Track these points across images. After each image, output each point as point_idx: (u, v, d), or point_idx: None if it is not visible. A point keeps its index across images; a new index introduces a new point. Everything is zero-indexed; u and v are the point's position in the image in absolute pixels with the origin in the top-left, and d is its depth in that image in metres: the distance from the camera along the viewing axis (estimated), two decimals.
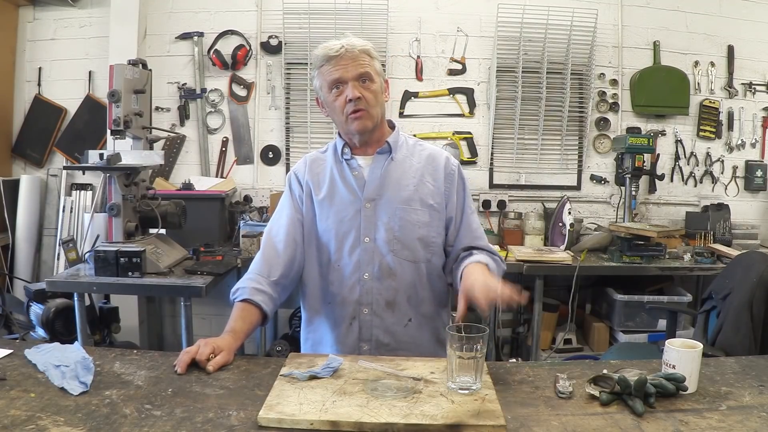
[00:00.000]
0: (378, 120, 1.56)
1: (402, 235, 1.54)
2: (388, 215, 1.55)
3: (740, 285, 2.15)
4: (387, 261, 1.54)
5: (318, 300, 1.60)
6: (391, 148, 1.59)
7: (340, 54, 1.49)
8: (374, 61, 1.54)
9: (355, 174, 1.58)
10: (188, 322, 2.53)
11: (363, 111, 1.51)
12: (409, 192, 1.56)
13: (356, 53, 1.50)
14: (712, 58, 3.63)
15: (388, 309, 1.55)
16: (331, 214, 1.57)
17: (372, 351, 1.54)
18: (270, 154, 3.62)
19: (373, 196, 1.56)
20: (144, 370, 1.28)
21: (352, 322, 1.56)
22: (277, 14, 3.51)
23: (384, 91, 1.58)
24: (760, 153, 3.70)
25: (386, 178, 1.57)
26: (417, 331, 1.58)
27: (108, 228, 2.60)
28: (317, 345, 1.62)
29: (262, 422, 1.04)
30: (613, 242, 3.20)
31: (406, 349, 1.53)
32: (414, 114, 3.60)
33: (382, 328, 1.55)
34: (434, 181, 1.59)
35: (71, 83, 3.59)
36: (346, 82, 1.49)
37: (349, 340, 1.56)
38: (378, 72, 1.55)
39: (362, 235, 1.54)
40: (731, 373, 1.32)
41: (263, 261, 1.56)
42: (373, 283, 1.54)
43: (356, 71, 1.49)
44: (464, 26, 3.58)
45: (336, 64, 1.49)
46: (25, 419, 1.03)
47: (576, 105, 3.62)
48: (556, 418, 1.08)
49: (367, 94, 1.50)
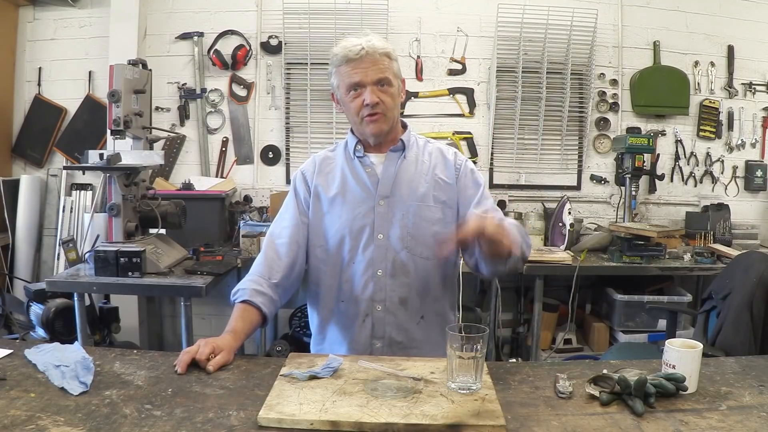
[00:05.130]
0: (394, 122, 1.56)
1: (416, 231, 1.54)
2: (402, 212, 1.54)
3: (740, 285, 2.15)
4: (401, 258, 1.54)
5: (331, 299, 1.59)
6: (405, 146, 1.60)
7: (361, 56, 1.47)
8: (393, 63, 1.53)
9: (368, 171, 1.57)
10: (188, 322, 2.53)
11: (380, 114, 1.50)
12: (422, 189, 1.57)
13: (376, 57, 1.48)
14: (712, 58, 3.63)
15: (401, 306, 1.55)
16: (344, 211, 1.56)
17: (384, 349, 1.53)
18: (270, 154, 3.63)
19: (387, 194, 1.55)
20: (144, 370, 1.28)
21: (365, 319, 1.55)
22: (277, 14, 3.51)
23: (401, 92, 1.57)
24: (760, 153, 3.70)
25: (399, 176, 1.57)
26: (429, 328, 1.58)
27: (108, 228, 2.60)
28: (330, 345, 1.60)
29: (262, 422, 1.04)
30: (613, 242, 3.20)
31: (418, 348, 1.53)
32: (414, 114, 3.60)
33: (395, 325, 1.55)
34: (446, 177, 1.60)
35: (71, 83, 3.59)
36: (365, 86, 1.48)
37: (361, 337, 1.55)
38: (396, 74, 1.54)
39: (376, 232, 1.54)
40: (731, 373, 1.32)
41: (264, 263, 1.55)
42: (386, 280, 1.54)
43: (376, 76, 1.48)
44: (464, 26, 3.58)
45: (356, 66, 1.48)
46: (25, 419, 1.03)
47: (576, 105, 3.62)
48: (556, 418, 1.08)
49: (385, 98, 1.50)
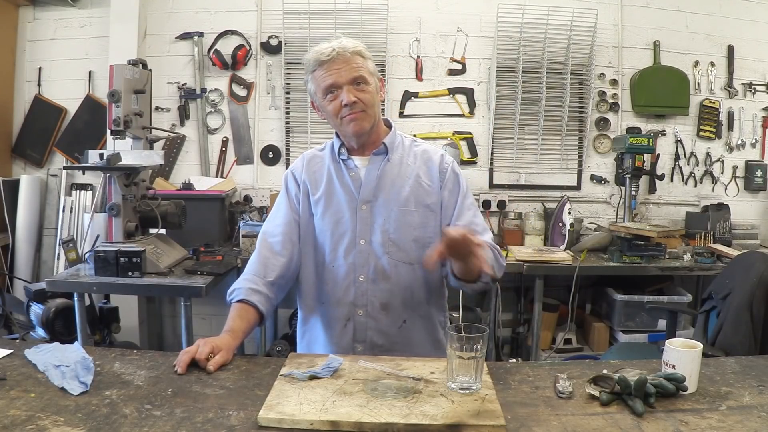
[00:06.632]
0: (375, 120, 1.55)
1: (397, 236, 1.54)
2: (383, 217, 1.54)
3: (740, 285, 2.15)
4: (382, 263, 1.53)
5: (313, 299, 1.60)
6: (387, 149, 1.58)
7: (332, 58, 1.46)
8: (367, 62, 1.52)
9: (352, 175, 1.57)
10: (188, 322, 2.53)
11: (359, 112, 1.49)
12: (404, 193, 1.55)
13: (348, 56, 1.47)
14: (712, 58, 3.63)
15: (383, 311, 1.54)
16: (328, 214, 1.56)
17: (366, 351, 1.53)
18: (270, 154, 3.62)
19: (368, 198, 1.55)
20: (144, 370, 1.28)
21: (346, 323, 1.55)
22: (277, 14, 3.51)
23: (379, 91, 1.55)
24: (760, 153, 3.70)
25: (382, 180, 1.56)
26: (412, 332, 1.58)
27: (108, 228, 2.60)
28: (312, 344, 1.62)
29: (262, 422, 1.04)
30: (613, 242, 3.20)
31: (399, 350, 1.53)
32: (414, 114, 3.60)
33: (377, 329, 1.55)
34: (429, 181, 1.58)
35: (71, 83, 3.59)
36: (341, 87, 1.47)
37: (343, 341, 1.56)
38: (372, 72, 1.52)
39: (358, 237, 1.54)
40: (731, 373, 1.32)
41: (259, 261, 1.55)
42: (368, 285, 1.54)
43: (350, 75, 1.47)
44: (464, 26, 3.58)
45: (329, 68, 1.47)
46: (25, 419, 1.03)
47: (576, 105, 3.61)
48: (556, 418, 1.08)
49: (363, 95, 1.49)
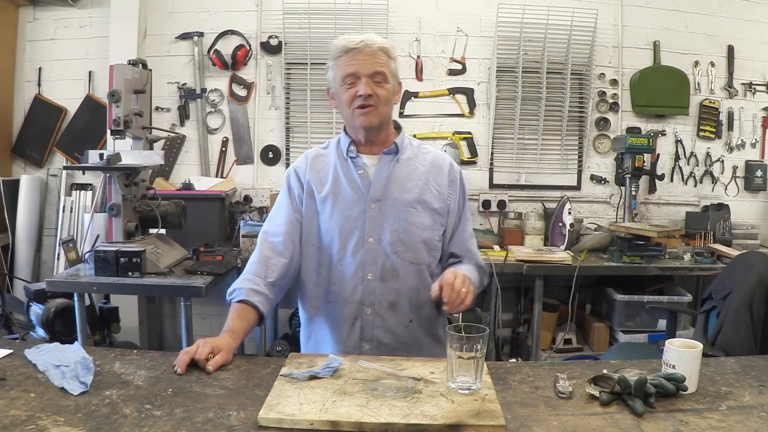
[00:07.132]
0: (385, 119, 1.56)
1: (406, 237, 1.55)
2: (393, 216, 1.55)
3: (740, 285, 2.15)
4: (391, 262, 1.54)
5: (319, 299, 1.60)
6: (398, 148, 1.60)
7: (359, 48, 1.49)
8: (391, 62, 1.54)
9: (361, 173, 1.57)
10: (188, 322, 2.53)
11: (372, 107, 1.50)
12: (414, 194, 1.57)
13: (374, 50, 1.50)
14: (712, 58, 3.63)
15: (390, 310, 1.55)
16: (335, 212, 1.56)
17: (373, 350, 1.54)
18: (270, 154, 3.62)
19: (378, 197, 1.55)
20: (144, 370, 1.28)
21: (354, 322, 1.55)
22: (277, 14, 3.51)
23: (396, 93, 1.57)
24: (760, 153, 3.70)
25: (392, 179, 1.57)
26: (417, 331, 1.59)
27: (108, 228, 2.60)
28: (319, 345, 1.62)
29: (262, 422, 1.04)
30: (613, 242, 3.20)
31: (405, 350, 1.54)
32: (414, 114, 3.60)
33: (384, 328, 1.55)
34: (438, 186, 1.60)
35: (71, 83, 3.59)
36: (360, 78, 1.49)
37: (351, 340, 1.56)
38: (393, 73, 1.55)
39: (366, 236, 1.54)
40: (731, 373, 1.32)
41: (260, 261, 1.55)
42: (376, 284, 1.54)
43: (371, 68, 1.49)
44: (464, 26, 3.58)
45: (353, 57, 1.50)
46: (25, 419, 1.03)
47: (576, 105, 3.62)
48: (556, 418, 1.08)
49: (379, 91, 1.51)
